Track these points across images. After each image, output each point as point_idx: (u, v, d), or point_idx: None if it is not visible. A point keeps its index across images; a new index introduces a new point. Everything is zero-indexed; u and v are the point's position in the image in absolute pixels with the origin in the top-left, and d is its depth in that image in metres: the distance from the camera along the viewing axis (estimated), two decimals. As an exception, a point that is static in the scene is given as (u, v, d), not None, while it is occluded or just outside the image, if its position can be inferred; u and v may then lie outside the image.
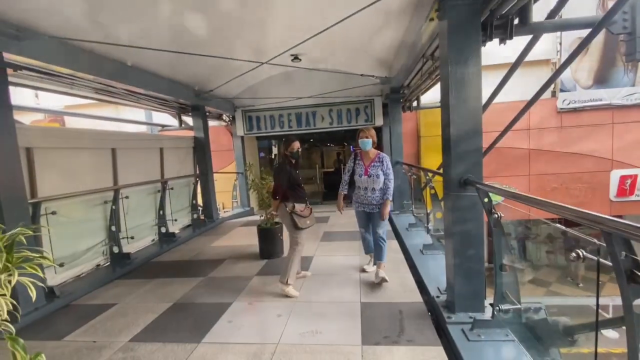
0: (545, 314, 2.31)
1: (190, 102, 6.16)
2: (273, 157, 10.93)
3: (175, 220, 5.93)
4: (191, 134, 6.74)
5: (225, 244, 5.33)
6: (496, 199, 2.54)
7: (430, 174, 4.50)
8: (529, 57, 3.00)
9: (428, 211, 4.71)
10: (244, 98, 7.15)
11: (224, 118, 8.11)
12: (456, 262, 2.50)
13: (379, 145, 3.86)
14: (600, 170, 8.42)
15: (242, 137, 7.96)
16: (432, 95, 6.03)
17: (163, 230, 5.45)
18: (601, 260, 1.36)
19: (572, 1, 2.54)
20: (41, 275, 1.13)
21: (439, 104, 2.59)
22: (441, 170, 2.76)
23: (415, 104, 6.40)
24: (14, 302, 1.03)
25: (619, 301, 1.20)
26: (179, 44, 4.03)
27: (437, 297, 2.81)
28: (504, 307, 2.28)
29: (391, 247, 4.22)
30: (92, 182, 4.24)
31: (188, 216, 6.45)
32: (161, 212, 5.45)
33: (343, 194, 3.61)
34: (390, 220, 5.54)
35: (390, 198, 3.33)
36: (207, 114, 6.85)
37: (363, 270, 3.68)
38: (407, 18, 3.52)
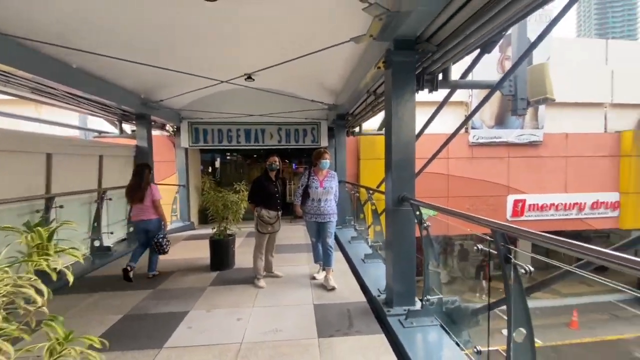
0: (459, 304, 2.97)
1: (135, 110, 5.97)
2: (215, 169, 10.78)
3: (112, 233, 5.57)
4: (131, 142, 6.45)
5: (170, 257, 5.20)
6: (427, 213, 3.20)
7: (371, 192, 5.14)
8: (451, 99, 3.85)
9: (368, 225, 5.32)
10: (192, 110, 7.13)
11: (167, 128, 7.90)
12: (394, 265, 3.03)
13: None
14: (500, 194, 10.33)
15: (186, 149, 7.82)
16: (372, 124, 6.87)
17: (97, 243, 5.09)
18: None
19: (484, 61, 3.41)
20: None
21: (378, 132, 3.20)
22: (381, 188, 3.34)
23: (357, 130, 7.18)
24: None
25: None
26: (129, 51, 3.94)
27: (378, 296, 3.31)
28: (431, 299, 2.86)
29: (336, 258, 4.68)
30: (21, 189, 3.89)
31: (124, 229, 6.08)
32: (96, 224, 5.11)
33: (297, 205, 4.00)
34: (334, 235, 6.04)
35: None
36: (152, 123, 6.67)
37: (313, 278, 4.04)
38: (356, 62, 4.17)
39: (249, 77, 5.09)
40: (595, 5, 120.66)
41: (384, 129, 3.33)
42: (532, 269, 1.59)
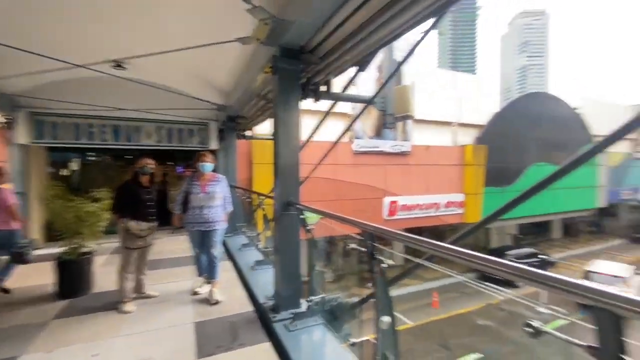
0: (341, 300, 3.17)
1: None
2: (71, 173, 8.75)
3: None
4: None
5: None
6: (313, 219, 3.32)
7: (262, 197, 5.06)
8: (338, 110, 4.14)
9: (259, 231, 5.22)
10: (36, 98, 5.69)
11: (-4, 119, 6.09)
12: (282, 269, 3.04)
13: (215, 169, 4.11)
14: (379, 197, 11.74)
15: (24, 147, 6.16)
16: (265, 127, 6.83)
17: None
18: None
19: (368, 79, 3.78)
20: None
21: (270, 137, 3.19)
22: (272, 194, 3.32)
23: (249, 133, 7.01)
24: None
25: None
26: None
27: (265, 303, 3.25)
28: (315, 299, 2.97)
29: (225, 267, 4.42)
30: None
31: None
32: None
33: (178, 215, 3.61)
34: (224, 243, 5.72)
35: (229, 210, 3.67)
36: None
37: (195, 293, 3.69)
38: (247, 63, 4.06)
39: (119, 64, 4.37)
40: (449, 42, 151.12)
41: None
42: (392, 262, 1.80)
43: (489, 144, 14.39)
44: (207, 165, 3.54)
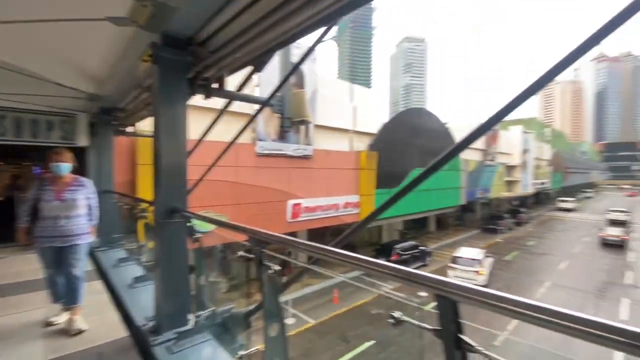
0: (234, 310, 2.99)
1: None
2: None
3: None
4: None
5: None
6: (205, 227, 3.04)
7: (145, 204, 4.44)
8: (240, 109, 3.92)
9: (141, 242, 4.57)
10: None
11: None
12: (164, 285, 2.69)
13: (83, 170, 3.42)
14: (282, 200, 11.79)
15: None
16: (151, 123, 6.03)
17: None
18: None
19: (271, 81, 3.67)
20: None
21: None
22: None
23: (131, 129, 6.11)
24: None
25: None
26: None
27: (144, 325, 2.83)
28: (203, 314, 2.72)
29: (93, 289, 3.72)
30: None
31: None
32: None
33: (24, 228, 2.86)
34: (95, 260, 4.81)
35: (95, 223, 3.07)
36: None
37: (49, 324, 2.97)
38: (124, 48, 3.50)
39: None
40: (348, 56, 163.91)
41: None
42: (279, 268, 1.77)
43: (379, 150, 16.12)
44: (63, 166, 2.90)
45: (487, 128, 1.70)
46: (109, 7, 2.68)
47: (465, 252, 16.51)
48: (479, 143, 28.59)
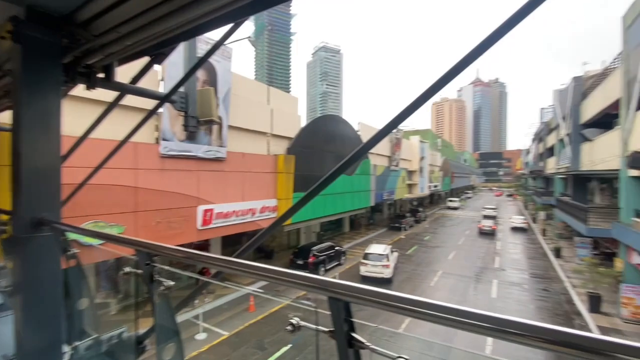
0: (126, 334, 2.60)
1: None
2: None
3: None
4: None
5: None
6: (91, 240, 2.56)
7: (4, 215, 3.55)
8: (140, 105, 3.41)
9: (0, 263, 3.64)
10: None
11: None
12: (29, 314, 2.18)
13: None
14: (191, 206, 10.89)
15: None
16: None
17: None
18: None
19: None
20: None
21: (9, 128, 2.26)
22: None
23: (-13, 122, 4.84)
24: None
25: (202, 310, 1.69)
26: None
27: (-2, 368, 2.25)
28: (84, 344, 2.29)
29: None
30: None
31: None
32: None
33: None
34: None
35: None
36: None
37: None
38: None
39: None
40: (266, 59, 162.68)
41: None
42: (172, 283, 1.59)
43: (297, 154, 16.35)
44: None
45: (383, 135, 1.85)
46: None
47: (374, 248, 18.07)
48: (385, 150, 31.55)
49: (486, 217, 34.11)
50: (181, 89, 4.31)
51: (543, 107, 56.49)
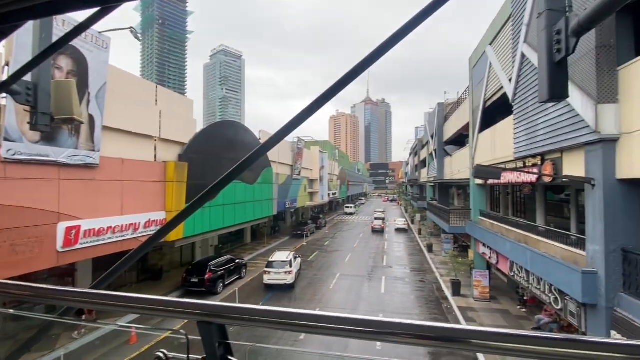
0: None
1: None
2: None
3: None
4: None
5: None
6: None
7: None
8: None
9: None
10: None
11: None
12: None
13: None
14: (47, 223, 8.72)
15: None
16: None
17: None
18: None
19: None
20: None
21: None
22: None
23: None
24: None
25: None
26: None
27: None
28: None
29: None
30: None
31: None
32: None
33: None
34: None
35: None
36: None
37: None
38: None
39: None
40: (157, 56, 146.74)
41: None
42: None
43: (191, 161, 15.03)
44: None
45: (276, 140, 1.78)
46: None
47: (277, 256, 18.45)
48: (288, 159, 32.12)
49: (377, 219, 40.33)
50: (29, 78, 3.36)
51: (417, 126, 67.18)
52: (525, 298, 15.07)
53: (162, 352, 1.05)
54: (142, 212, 12.29)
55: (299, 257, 21.13)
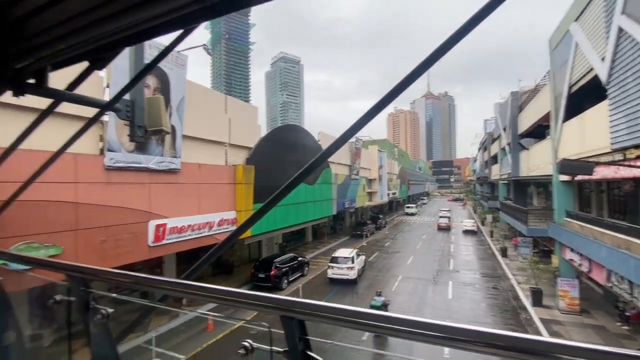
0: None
1: None
2: None
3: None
4: None
5: None
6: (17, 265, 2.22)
7: None
8: (83, 113, 3.05)
9: None
10: None
11: None
12: None
13: None
14: (141, 221, 10.12)
15: None
16: None
17: None
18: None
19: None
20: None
21: None
22: None
23: None
24: None
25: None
26: None
27: None
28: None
29: None
30: None
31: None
32: None
33: None
34: None
35: None
36: None
37: None
38: None
39: None
40: (224, 68, 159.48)
41: None
42: (110, 310, 1.42)
43: (256, 164, 16.03)
44: None
45: (341, 142, 1.84)
46: None
47: (340, 252, 19.38)
48: (346, 159, 32.22)
49: (442, 217, 40.87)
50: (127, 97, 4.04)
51: (486, 119, 61.71)
52: (627, 313, 12.86)
53: (247, 342, 1.16)
54: (216, 212, 13.50)
55: (362, 254, 21.36)
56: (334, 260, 18.48)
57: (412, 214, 55.93)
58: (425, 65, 1.60)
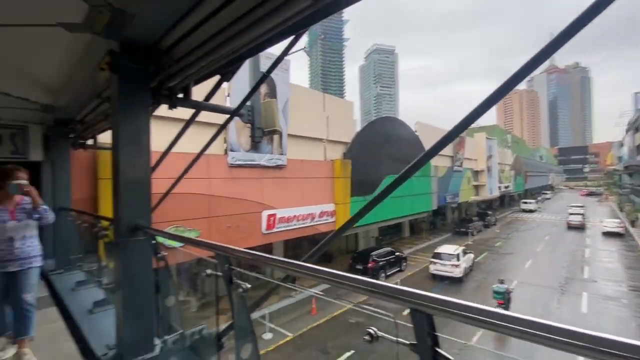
0: (206, 331, 2.82)
1: None
2: None
3: None
4: None
5: None
6: (173, 242, 2.86)
7: (105, 222, 4.15)
8: (211, 119, 3.72)
9: (103, 263, 4.26)
10: None
11: None
12: (127, 309, 2.48)
13: (37, 187, 3.16)
14: (256, 211, 11.55)
15: None
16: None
17: None
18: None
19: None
20: None
21: None
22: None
23: (91, 142, 5.73)
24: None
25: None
26: None
27: (105, 354, 2.60)
28: (172, 338, 2.54)
29: (46, 317, 3.39)
30: None
31: None
32: None
33: None
34: (49, 284, 4.41)
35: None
36: None
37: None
38: (82, 56, 3.29)
39: None
40: (320, 67, 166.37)
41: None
42: (249, 286, 1.68)
43: (353, 158, 16.30)
44: (23, 184, 2.68)
45: (453, 135, 1.74)
46: (63, 12, 2.50)
47: (444, 248, 18.55)
48: (447, 149, 29.77)
49: (573, 213, 35.33)
50: (247, 103, 4.71)
51: (638, 92, 48.12)
52: None
53: (372, 329, 1.20)
54: (317, 204, 14.35)
55: (471, 252, 19.77)
56: (437, 256, 17.81)
57: (531, 211, 47.84)
58: (566, 35, 1.35)
